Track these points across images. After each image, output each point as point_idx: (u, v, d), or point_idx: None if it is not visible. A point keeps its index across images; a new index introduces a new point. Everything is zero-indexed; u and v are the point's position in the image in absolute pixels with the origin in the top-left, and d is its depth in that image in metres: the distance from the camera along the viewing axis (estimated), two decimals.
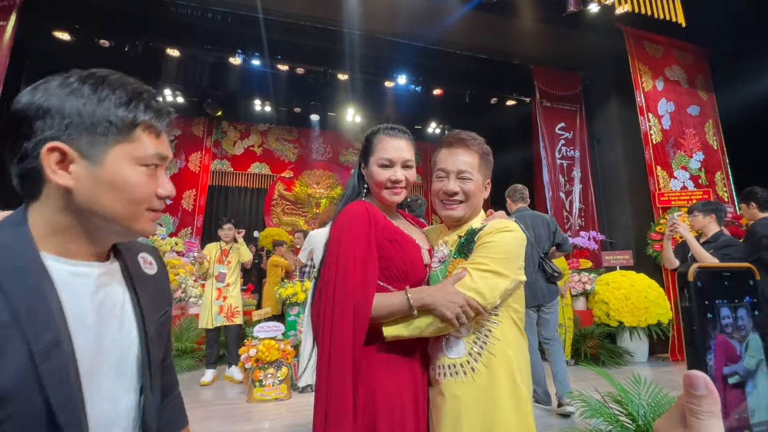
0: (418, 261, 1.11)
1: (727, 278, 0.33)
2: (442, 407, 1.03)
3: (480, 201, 1.16)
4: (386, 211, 1.18)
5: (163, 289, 0.72)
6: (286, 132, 9.08)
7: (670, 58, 5.94)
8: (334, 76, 6.67)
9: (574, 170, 6.54)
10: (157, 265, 0.72)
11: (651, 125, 5.54)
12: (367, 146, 1.18)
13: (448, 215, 1.15)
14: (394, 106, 7.60)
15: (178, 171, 8.12)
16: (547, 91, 6.63)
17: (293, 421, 2.98)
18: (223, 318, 3.96)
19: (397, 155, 1.12)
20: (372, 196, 1.19)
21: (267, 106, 7.82)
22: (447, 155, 1.15)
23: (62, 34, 5.49)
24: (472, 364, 1.02)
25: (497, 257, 1.03)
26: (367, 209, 1.09)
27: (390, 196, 1.14)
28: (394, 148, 1.13)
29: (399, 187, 1.13)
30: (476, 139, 1.15)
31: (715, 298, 0.32)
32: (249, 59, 6.38)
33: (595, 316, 5.08)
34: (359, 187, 1.21)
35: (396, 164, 1.13)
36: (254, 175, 8.78)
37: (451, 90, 7.12)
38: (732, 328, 0.32)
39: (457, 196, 1.12)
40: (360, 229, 1.05)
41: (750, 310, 0.33)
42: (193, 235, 7.81)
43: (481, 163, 1.14)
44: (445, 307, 0.97)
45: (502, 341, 1.04)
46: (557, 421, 2.93)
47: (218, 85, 7.20)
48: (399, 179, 1.12)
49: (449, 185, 1.12)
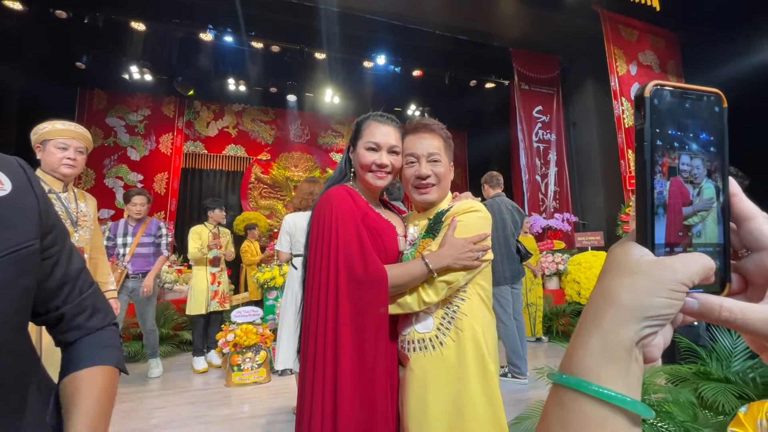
0: (394, 248, 1.15)
1: (690, 101, 0.28)
2: (410, 381, 1.06)
3: (449, 183, 1.20)
4: (369, 196, 1.21)
5: (16, 216, 0.51)
6: (262, 113, 8.80)
7: (644, 43, 6.04)
8: (311, 55, 6.47)
9: (550, 153, 6.65)
10: (11, 183, 0.52)
11: (624, 109, 5.66)
12: (356, 131, 1.23)
13: (423, 199, 1.17)
14: (373, 87, 7.46)
15: (148, 153, 7.79)
16: (525, 74, 6.65)
17: (273, 404, 3.00)
18: (216, 303, 3.90)
19: (384, 140, 1.17)
20: (358, 182, 1.22)
21: (241, 86, 7.52)
22: (414, 140, 1.18)
23: (13, 3, 5.05)
24: (440, 338, 1.05)
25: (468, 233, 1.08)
26: (349, 193, 1.13)
27: (374, 180, 1.17)
28: (381, 133, 1.17)
29: (383, 172, 1.17)
30: (439, 124, 1.21)
31: (672, 123, 0.28)
32: (221, 35, 6.09)
33: (567, 295, 5.28)
34: (346, 170, 1.25)
35: (382, 149, 1.16)
36: (229, 157, 8.51)
37: (431, 71, 7.04)
38: (688, 166, 0.28)
39: (429, 179, 1.15)
40: (350, 210, 1.08)
41: (707, 150, 0.28)
42: (166, 220, 7.57)
43: (445, 146, 1.19)
44: (463, 259, 1.04)
45: (469, 317, 1.07)
46: (533, 393, 3.07)
47: (189, 62, 6.85)
48: (384, 163, 1.16)
49: (421, 169, 1.15)
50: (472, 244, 1.05)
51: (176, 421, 2.60)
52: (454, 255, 1.03)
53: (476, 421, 0.99)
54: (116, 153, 7.57)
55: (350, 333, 0.97)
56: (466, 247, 1.04)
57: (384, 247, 1.11)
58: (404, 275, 1.04)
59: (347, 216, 1.06)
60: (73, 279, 0.62)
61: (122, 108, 7.70)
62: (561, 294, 5.30)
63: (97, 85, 7.42)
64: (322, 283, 1.02)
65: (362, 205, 1.13)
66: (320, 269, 1.03)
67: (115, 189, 7.42)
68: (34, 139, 1.84)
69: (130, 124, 7.73)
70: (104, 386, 0.60)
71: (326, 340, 0.97)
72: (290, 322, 3.06)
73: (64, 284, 0.61)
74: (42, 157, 1.85)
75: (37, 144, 1.84)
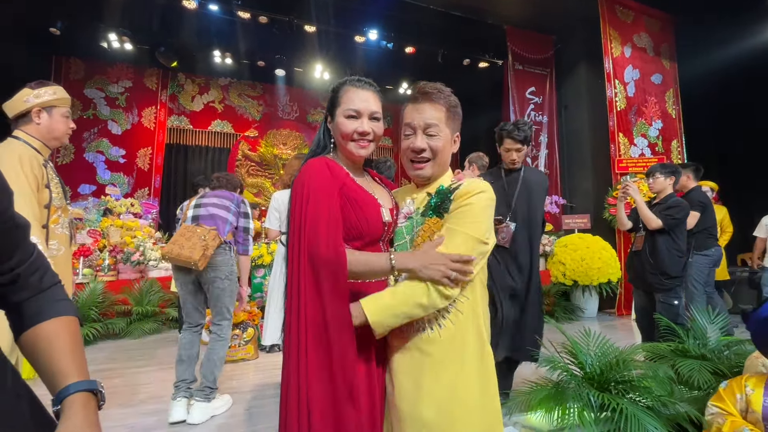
0: (376, 220, 1.09)
1: None
2: (405, 362, 1.04)
3: (448, 157, 1.13)
4: (351, 167, 1.14)
5: None
6: (250, 88, 8.53)
7: (640, 25, 5.98)
8: (300, 28, 6.23)
9: (541, 135, 6.64)
10: None
11: (617, 92, 5.64)
12: (333, 98, 1.14)
13: (417, 175, 1.12)
14: (365, 63, 7.26)
15: (130, 127, 7.52)
16: (519, 53, 6.55)
17: (260, 381, 3.01)
18: None
19: (364, 106, 1.09)
20: (338, 152, 1.15)
21: (228, 59, 7.24)
22: (413, 110, 1.10)
23: None
24: (440, 320, 1.03)
25: (477, 221, 1.02)
26: (327, 164, 1.06)
27: (356, 150, 1.10)
28: (360, 99, 1.10)
29: (366, 140, 1.10)
30: (442, 92, 1.10)
31: None
32: (206, 3, 5.81)
33: (552, 276, 5.38)
34: (325, 141, 1.17)
35: (363, 115, 1.10)
36: (216, 133, 8.28)
37: (424, 48, 6.87)
38: None
39: (424, 153, 1.09)
40: (323, 185, 1.02)
41: None
42: (151, 196, 7.39)
43: (448, 116, 1.10)
44: (431, 272, 0.96)
45: (471, 299, 1.05)
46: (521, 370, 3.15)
47: (172, 32, 6.54)
48: (366, 131, 1.09)
49: (416, 142, 1.08)
50: (450, 261, 0.96)
51: (163, 397, 2.59)
52: (425, 264, 0.97)
53: (466, 406, 0.99)
54: (96, 126, 7.28)
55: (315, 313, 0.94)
56: (439, 260, 0.96)
57: (365, 219, 1.06)
58: (364, 264, 1.00)
59: (319, 190, 1.01)
60: (23, 240, 0.64)
61: (101, 79, 7.37)
62: (546, 274, 5.40)
63: (73, 53, 7.07)
64: (294, 261, 0.99)
65: (341, 176, 1.07)
66: (292, 246, 1.00)
67: (95, 164, 7.17)
68: (37, 102, 1.73)
69: (111, 96, 7.42)
70: (74, 331, 0.65)
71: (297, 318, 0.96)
72: (278, 299, 3.05)
73: (17, 246, 0.62)
74: (44, 123, 1.75)
75: (38, 107, 1.73)
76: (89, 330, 3.82)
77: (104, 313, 4.20)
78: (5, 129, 1.77)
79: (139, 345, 3.93)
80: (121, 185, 7.21)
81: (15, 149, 1.66)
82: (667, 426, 1.71)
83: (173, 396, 2.34)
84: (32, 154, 1.69)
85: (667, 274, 2.77)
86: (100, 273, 4.61)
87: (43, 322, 0.63)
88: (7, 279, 0.61)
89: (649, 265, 2.84)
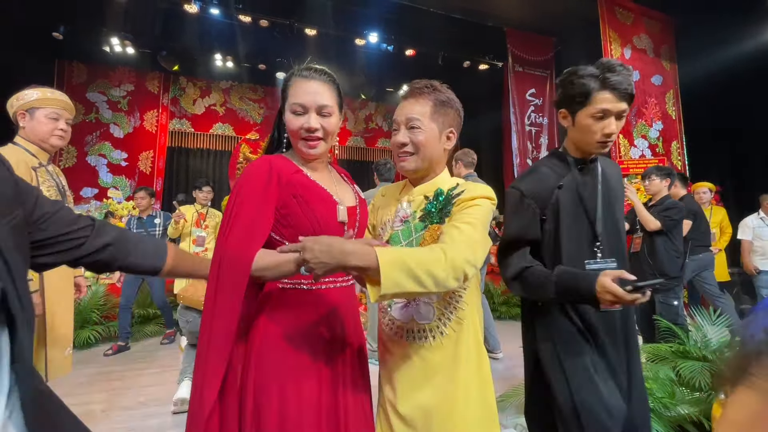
0: (329, 218, 1.00)
1: None
2: (405, 368, 1.05)
3: (435, 152, 1.08)
4: (308, 164, 1.05)
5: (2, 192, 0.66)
6: (251, 91, 8.56)
7: (640, 26, 5.99)
8: (301, 31, 6.26)
9: (541, 137, 6.65)
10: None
11: None
12: (283, 91, 1.04)
13: (401, 167, 1.13)
14: (365, 66, 7.29)
15: (132, 130, 7.55)
16: (519, 55, 6.56)
17: None
18: None
19: (309, 99, 0.98)
20: (294, 151, 1.07)
21: (229, 62, 7.28)
22: (399, 107, 1.12)
23: None
24: (441, 328, 1.04)
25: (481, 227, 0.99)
26: (270, 163, 0.97)
27: (306, 149, 1.00)
28: (306, 91, 0.98)
29: (314, 137, 0.99)
30: (431, 87, 1.08)
31: None
32: (207, 7, 5.84)
33: None
34: (279, 139, 1.10)
35: (310, 110, 0.98)
36: (217, 136, 8.31)
37: (424, 51, 6.89)
38: None
39: (407, 147, 1.08)
40: (251, 186, 0.94)
41: None
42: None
43: (434, 111, 1.06)
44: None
45: (470, 305, 1.06)
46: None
47: (173, 36, 6.58)
48: (312, 126, 0.98)
49: (398, 136, 1.09)
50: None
51: (166, 399, 2.60)
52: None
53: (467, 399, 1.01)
54: (98, 130, 7.31)
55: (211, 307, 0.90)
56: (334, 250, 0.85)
57: (314, 216, 0.97)
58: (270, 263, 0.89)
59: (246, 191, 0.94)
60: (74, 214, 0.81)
61: (104, 82, 7.40)
62: None
63: (75, 57, 7.10)
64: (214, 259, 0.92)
65: (287, 173, 0.98)
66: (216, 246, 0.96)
67: (98, 167, 7.20)
68: (18, 105, 1.72)
69: (113, 100, 7.46)
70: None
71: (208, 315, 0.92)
72: None
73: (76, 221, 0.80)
74: (28, 126, 1.73)
75: (21, 110, 1.72)
76: (91, 332, 3.83)
77: (106, 315, 4.22)
78: (7, 132, 1.79)
79: (141, 347, 3.94)
80: (123, 188, 7.24)
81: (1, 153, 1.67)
82: (669, 428, 1.71)
83: (179, 380, 2.43)
84: (20, 158, 1.66)
85: (666, 274, 2.77)
86: (102, 275, 4.62)
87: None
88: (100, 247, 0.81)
89: (648, 266, 2.85)
